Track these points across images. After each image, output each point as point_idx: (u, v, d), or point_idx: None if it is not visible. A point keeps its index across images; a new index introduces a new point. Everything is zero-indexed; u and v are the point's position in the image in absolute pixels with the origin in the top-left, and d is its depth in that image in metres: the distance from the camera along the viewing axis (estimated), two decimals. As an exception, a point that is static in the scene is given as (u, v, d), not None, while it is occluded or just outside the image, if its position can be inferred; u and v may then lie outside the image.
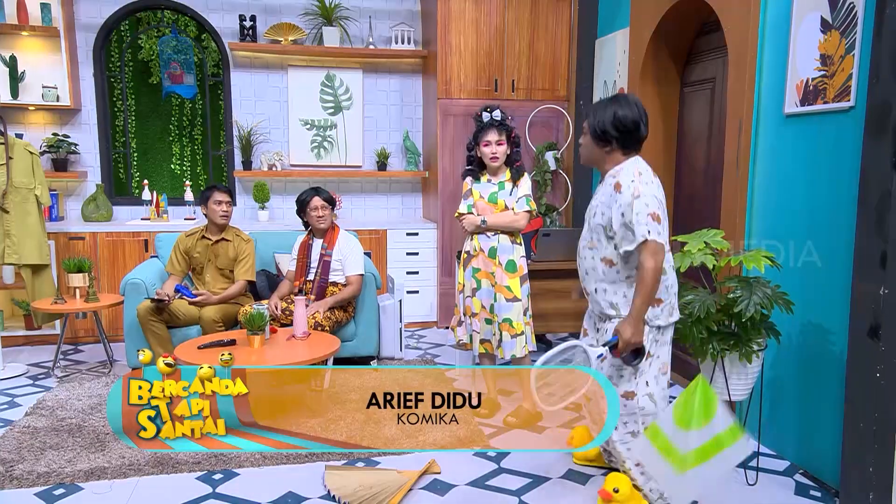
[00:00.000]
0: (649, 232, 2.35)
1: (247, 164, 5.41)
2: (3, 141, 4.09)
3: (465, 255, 3.52)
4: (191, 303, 3.96)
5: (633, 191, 2.39)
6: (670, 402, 2.40)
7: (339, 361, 4.23)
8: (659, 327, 2.53)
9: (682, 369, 4.25)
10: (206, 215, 4.15)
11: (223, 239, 4.14)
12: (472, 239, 3.48)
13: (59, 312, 4.19)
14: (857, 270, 2.51)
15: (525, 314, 3.41)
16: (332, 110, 5.61)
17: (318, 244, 4.14)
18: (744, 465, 2.97)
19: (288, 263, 4.29)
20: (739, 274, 3.04)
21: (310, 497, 2.71)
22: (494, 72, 5.14)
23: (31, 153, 4.22)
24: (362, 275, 4.11)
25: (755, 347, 2.77)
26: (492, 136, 3.39)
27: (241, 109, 5.47)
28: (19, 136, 4.69)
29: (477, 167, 3.52)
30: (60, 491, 2.73)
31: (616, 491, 2.48)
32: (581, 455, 3.02)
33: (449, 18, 5.03)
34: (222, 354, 2.78)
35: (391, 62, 5.64)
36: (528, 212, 3.41)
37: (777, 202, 3.12)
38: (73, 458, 2.99)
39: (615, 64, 4.59)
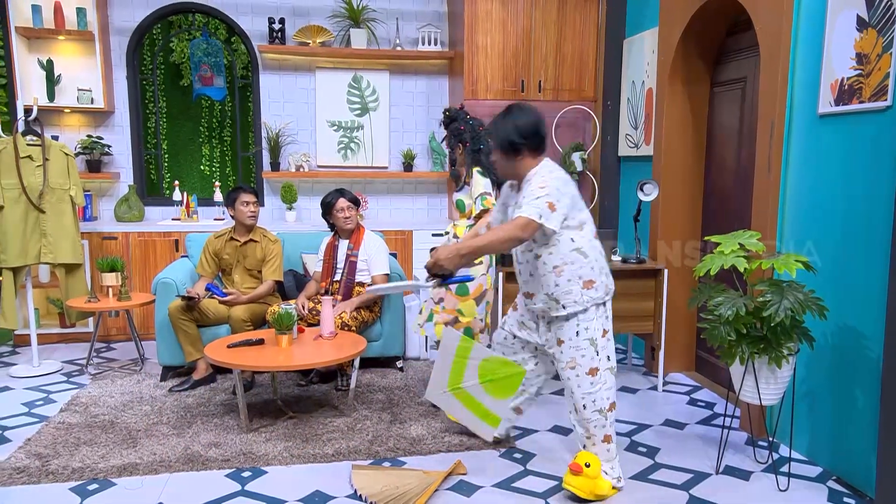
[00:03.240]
0: (540, 216, 2.50)
1: (275, 166, 5.47)
2: (39, 143, 4.19)
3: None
4: (221, 302, 4.01)
5: (541, 182, 2.57)
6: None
7: (365, 362, 4.26)
8: (598, 305, 2.69)
9: (712, 373, 4.21)
10: (233, 217, 4.19)
11: (251, 240, 4.19)
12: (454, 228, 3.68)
13: (93, 311, 4.28)
14: (894, 273, 2.46)
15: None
16: (358, 111, 5.65)
17: (343, 245, 4.17)
18: (776, 470, 2.93)
19: (315, 264, 4.32)
20: (771, 276, 2.99)
21: (337, 496, 2.73)
22: (521, 72, 5.12)
23: (66, 154, 4.31)
24: (388, 274, 4.12)
25: (786, 352, 2.73)
26: (447, 140, 3.66)
27: (269, 111, 5.53)
28: (55, 137, 4.80)
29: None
30: (94, 486, 2.78)
31: (588, 466, 2.60)
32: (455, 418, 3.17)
33: (476, 19, 5.02)
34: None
35: (418, 63, 5.65)
36: (485, 210, 3.42)
37: (810, 203, 3.06)
38: (106, 455, 3.04)
39: (643, 64, 4.55)
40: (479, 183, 3.48)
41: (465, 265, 2.69)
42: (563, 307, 2.67)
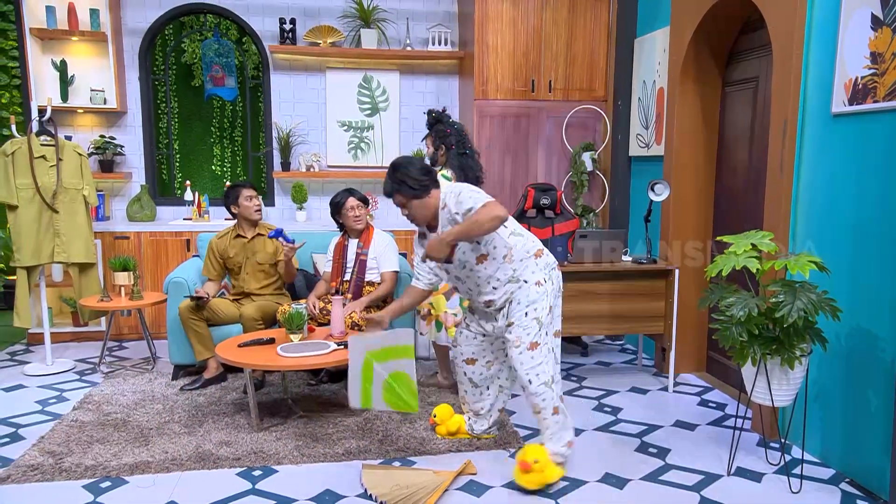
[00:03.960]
0: (481, 202, 2.72)
1: (285, 166, 5.49)
2: (53, 143, 4.22)
3: None
4: (289, 247, 3.93)
5: (458, 191, 2.82)
6: None
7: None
8: (545, 280, 2.87)
9: (723, 374, 4.18)
10: (235, 214, 4.13)
11: (258, 234, 4.16)
12: None
13: (105, 310, 4.31)
14: (909, 274, 2.44)
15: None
16: (369, 111, 5.66)
17: (353, 244, 4.17)
18: (788, 472, 2.91)
19: (324, 264, 4.33)
20: (784, 277, 2.97)
21: (347, 495, 2.73)
22: (531, 72, 5.11)
23: (79, 154, 4.34)
24: (397, 272, 4.12)
25: (798, 353, 2.71)
26: (427, 140, 3.90)
27: (280, 111, 5.55)
28: (68, 138, 4.84)
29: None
30: (107, 484, 2.80)
31: (536, 462, 2.69)
32: (443, 431, 3.26)
33: (486, 19, 5.02)
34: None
35: (428, 63, 5.66)
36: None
37: (823, 204, 3.04)
38: (119, 453, 3.07)
39: (655, 63, 4.53)
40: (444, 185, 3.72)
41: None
42: (526, 281, 2.85)
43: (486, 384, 3.18)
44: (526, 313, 2.82)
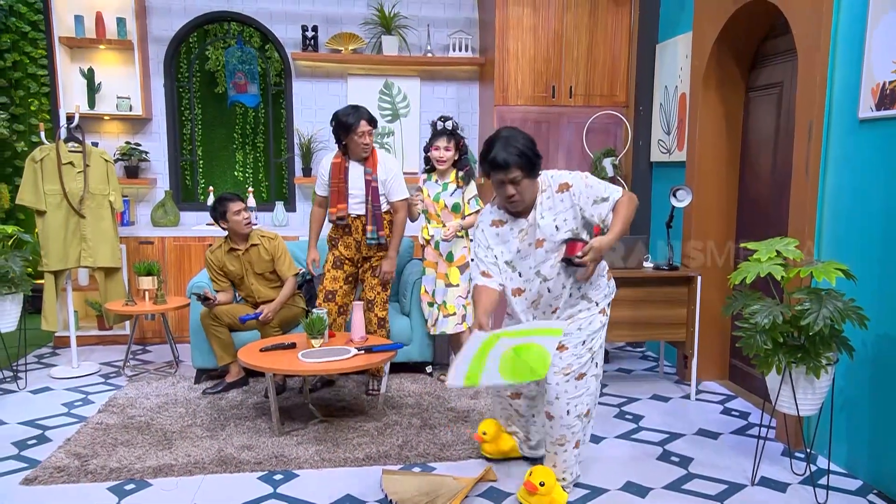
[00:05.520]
0: (616, 190, 2.61)
1: (307, 171, 5.53)
2: (81, 149, 4.30)
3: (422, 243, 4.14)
4: (260, 322, 3.87)
5: (576, 177, 2.61)
6: None
7: (394, 367, 4.28)
8: (608, 308, 2.79)
9: (746, 382, 4.13)
10: (225, 229, 4.01)
11: (252, 245, 4.03)
12: (422, 230, 4.12)
13: (130, 314, 4.36)
14: (938, 283, 2.39)
15: (466, 297, 4.02)
16: (389, 117, 5.69)
17: (357, 168, 3.80)
18: (813, 483, 2.87)
19: (318, 188, 4.03)
20: (809, 284, 2.93)
21: (367, 500, 2.74)
22: (552, 78, 5.11)
23: (106, 161, 4.41)
24: (406, 199, 3.93)
25: (824, 362, 2.67)
26: (441, 142, 3.97)
27: (301, 117, 5.60)
28: (95, 144, 4.92)
29: (431, 168, 4.11)
30: (131, 486, 2.84)
31: (542, 485, 2.62)
32: (493, 449, 3.09)
33: (507, 25, 5.02)
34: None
35: (448, 70, 5.67)
36: (478, 211, 3.92)
37: (850, 210, 3.00)
38: (143, 455, 3.10)
39: (677, 69, 4.50)
40: (473, 186, 4.05)
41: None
42: (597, 304, 2.75)
43: (532, 412, 3.04)
44: (584, 342, 2.69)
